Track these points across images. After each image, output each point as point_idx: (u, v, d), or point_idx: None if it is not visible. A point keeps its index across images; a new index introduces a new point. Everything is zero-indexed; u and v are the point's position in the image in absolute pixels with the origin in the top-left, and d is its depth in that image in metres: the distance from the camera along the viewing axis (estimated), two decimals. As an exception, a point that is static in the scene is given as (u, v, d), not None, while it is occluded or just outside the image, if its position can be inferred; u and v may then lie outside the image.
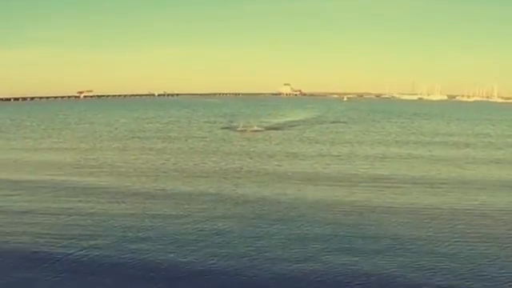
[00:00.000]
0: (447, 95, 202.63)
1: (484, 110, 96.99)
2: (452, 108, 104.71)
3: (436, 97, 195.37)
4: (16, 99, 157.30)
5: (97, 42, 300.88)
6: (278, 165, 21.37)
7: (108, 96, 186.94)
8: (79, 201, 14.93)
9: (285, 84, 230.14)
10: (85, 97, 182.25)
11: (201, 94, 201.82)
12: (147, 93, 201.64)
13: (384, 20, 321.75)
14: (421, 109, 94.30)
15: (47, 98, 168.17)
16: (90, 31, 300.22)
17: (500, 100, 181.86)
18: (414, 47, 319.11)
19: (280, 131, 39.03)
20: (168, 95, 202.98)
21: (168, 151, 26.06)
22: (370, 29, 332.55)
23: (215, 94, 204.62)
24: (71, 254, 10.26)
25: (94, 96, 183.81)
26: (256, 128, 38.94)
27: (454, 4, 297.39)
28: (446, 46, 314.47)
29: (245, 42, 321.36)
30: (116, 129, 43.25)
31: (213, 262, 9.75)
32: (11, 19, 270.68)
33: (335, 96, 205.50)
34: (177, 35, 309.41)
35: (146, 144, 29.73)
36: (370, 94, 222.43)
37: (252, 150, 26.52)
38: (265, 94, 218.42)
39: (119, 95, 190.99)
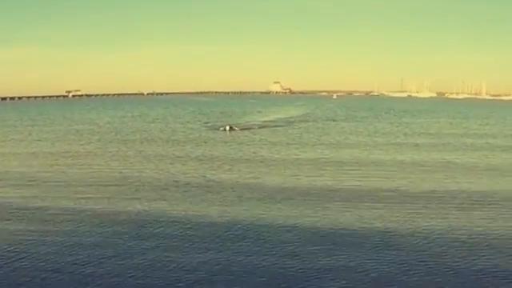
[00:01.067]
0: (436, 92, 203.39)
1: (473, 107, 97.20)
2: (441, 105, 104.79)
3: (425, 94, 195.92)
4: (3, 99, 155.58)
5: (84, 41, 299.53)
6: (257, 175, 18.68)
7: (97, 95, 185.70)
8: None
9: (274, 82, 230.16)
10: (73, 96, 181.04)
11: (190, 93, 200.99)
12: (136, 92, 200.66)
13: (372, 18, 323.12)
14: (410, 106, 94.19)
15: (35, 97, 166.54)
16: (77, 30, 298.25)
17: (488, 97, 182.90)
18: (403, 45, 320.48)
19: (267, 130, 38.22)
20: (157, 94, 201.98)
21: (143, 155, 24.17)
22: (358, 26, 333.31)
23: (205, 93, 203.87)
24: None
25: (82, 95, 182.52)
26: (241, 127, 37.74)
27: (442, 1, 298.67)
28: (435, 43, 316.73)
29: (234, 39, 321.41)
30: (100, 127, 42.59)
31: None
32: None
33: (324, 94, 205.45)
34: (165, 33, 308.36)
35: (125, 146, 28.22)
36: (359, 91, 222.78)
37: (234, 153, 24.76)
38: (255, 92, 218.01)
39: (108, 94, 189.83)
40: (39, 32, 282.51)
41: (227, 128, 36.48)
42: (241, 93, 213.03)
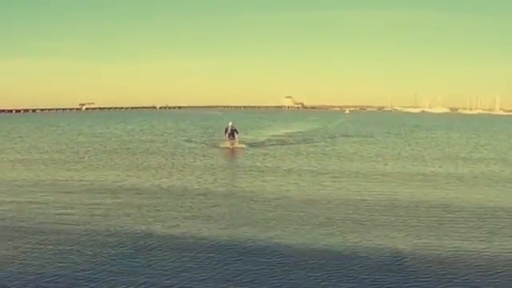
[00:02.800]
0: (449, 108, 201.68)
1: (488, 122, 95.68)
2: (455, 121, 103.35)
3: (438, 109, 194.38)
4: (18, 111, 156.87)
5: (99, 54, 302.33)
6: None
7: (110, 108, 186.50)
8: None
9: (286, 97, 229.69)
10: (86, 109, 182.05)
11: (203, 107, 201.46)
12: (150, 106, 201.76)
13: (385, 32, 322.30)
14: (423, 122, 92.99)
15: (49, 109, 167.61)
16: (92, 42, 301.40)
17: (502, 112, 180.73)
18: (416, 59, 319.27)
19: (273, 148, 36.44)
20: (170, 108, 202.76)
21: (123, 184, 19.79)
22: (371, 41, 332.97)
23: (217, 107, 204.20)
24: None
25: (95, 108, 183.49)
26: (243, 145, 34.59)
27: (456, 15, 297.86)
28: (448, 57, 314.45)
29: (246, 53, 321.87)
30: (108, 140, 42.42)
31: None
32: (13, 29, 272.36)
33: (337, 109, 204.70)
34: (178, 47, 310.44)
35: (121, 162, 26.74)
36: (371, 106, 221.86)
37: (227, 180, 21.17)
38: (267, 106, 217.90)
39: (121, 108, 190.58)
40: (53, 43, 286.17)
41: (228, 145, 33.75)
42: (252, 107, 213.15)
